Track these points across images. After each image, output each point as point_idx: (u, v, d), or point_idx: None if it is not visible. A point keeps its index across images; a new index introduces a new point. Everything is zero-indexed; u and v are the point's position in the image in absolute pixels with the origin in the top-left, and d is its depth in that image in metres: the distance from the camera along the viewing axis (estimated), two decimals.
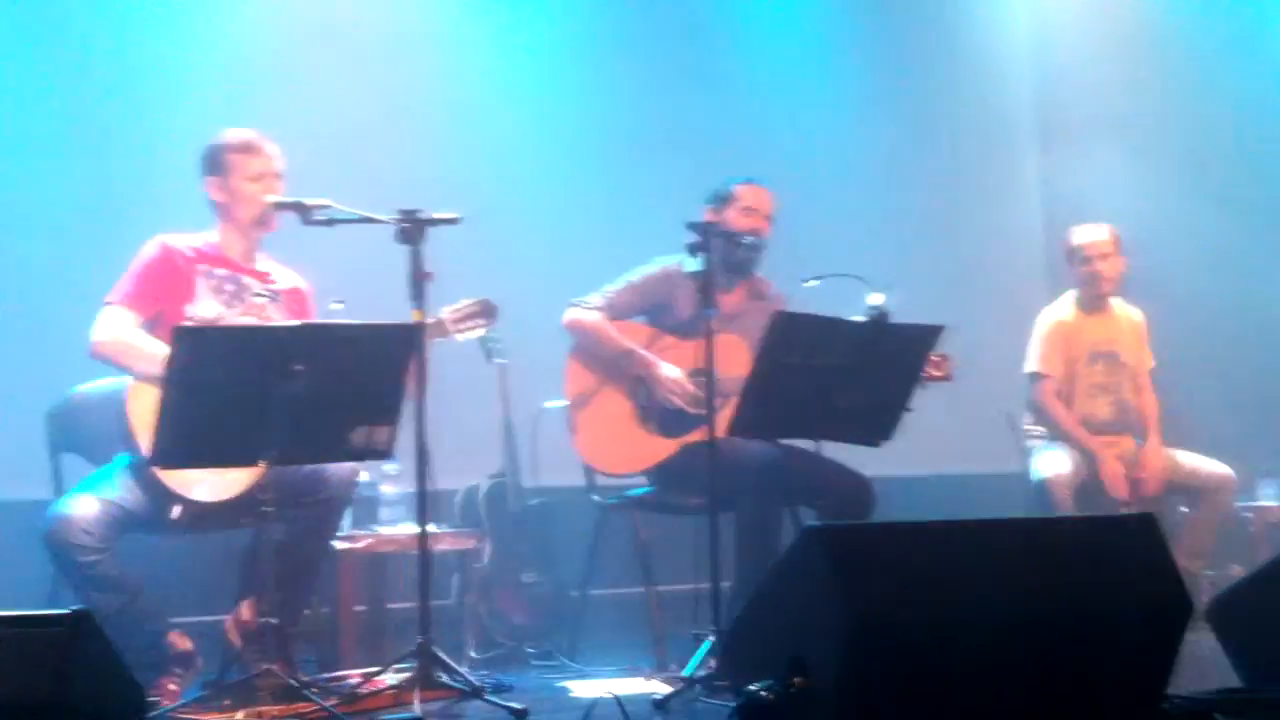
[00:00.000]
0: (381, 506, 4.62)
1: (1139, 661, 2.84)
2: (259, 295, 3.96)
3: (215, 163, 3.95)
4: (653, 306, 4.44)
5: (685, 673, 3.67)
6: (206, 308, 3.86)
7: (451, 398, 3.93)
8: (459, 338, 4.06)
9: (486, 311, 4.12)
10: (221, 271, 3.94)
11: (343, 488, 3.87)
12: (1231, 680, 3.18)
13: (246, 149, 3.94)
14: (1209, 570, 4.88)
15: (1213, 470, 4.91)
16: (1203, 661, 3.41)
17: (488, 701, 3.49)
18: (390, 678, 3.64)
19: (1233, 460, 4.95)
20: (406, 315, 3.60)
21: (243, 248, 4.00)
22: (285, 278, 4.09)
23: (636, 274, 4.47)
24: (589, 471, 4.49)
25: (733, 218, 4.37)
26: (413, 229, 3.60)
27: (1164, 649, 2.87)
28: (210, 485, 3.67)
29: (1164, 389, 5.23)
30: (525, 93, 6.23)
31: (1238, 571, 4.85)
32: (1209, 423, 5.53)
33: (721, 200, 4.42)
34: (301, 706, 3.39)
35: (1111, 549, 2.93)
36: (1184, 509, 5.00)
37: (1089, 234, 5.03)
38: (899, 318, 3.82)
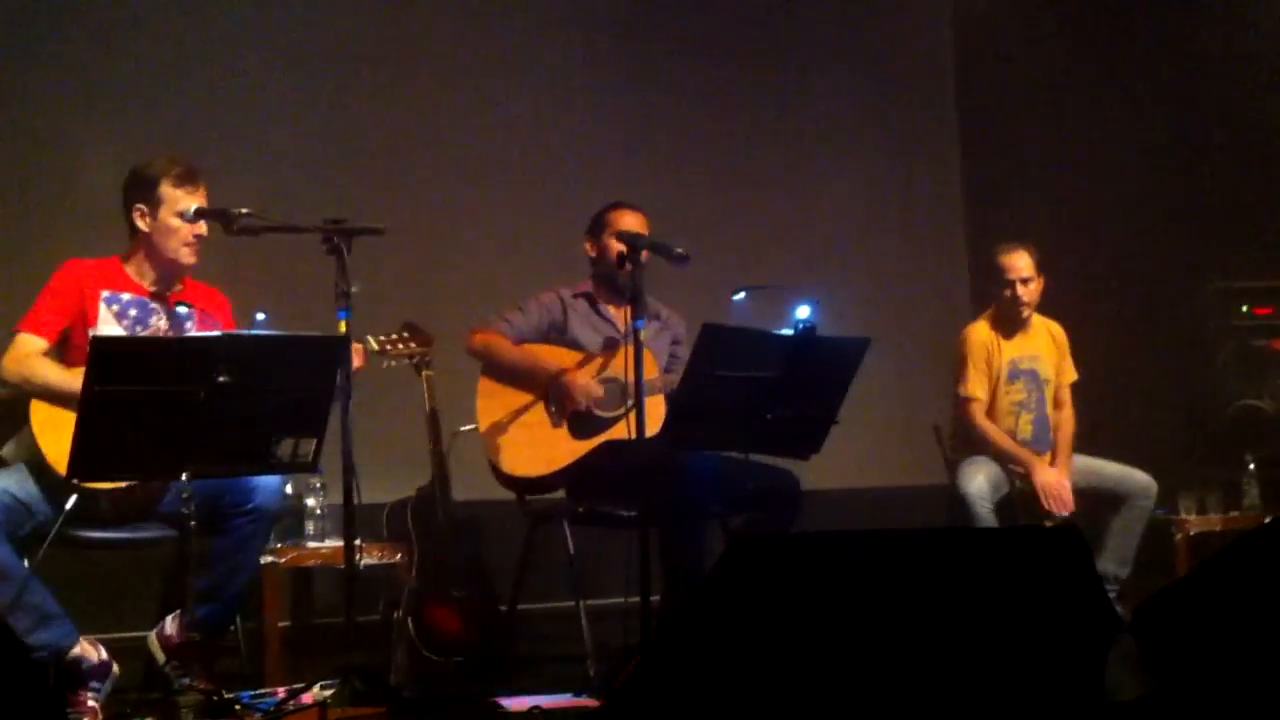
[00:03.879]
0: (307, 520, 4.57)
1: (1064, 673, 2.87)
2: (164, 317, 3.89)
3: (146, 192, 3.85)
4: (548, 328, 4.50)
5: (614, 686, 3.65)
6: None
7: (379, 410, 3.91)
8: (388, 362, 4.06)
9: (416, 337, 4.12)
10: (126, 297, 3.87)
11: (271, 499, 3.82)
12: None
13: (182, 182, 3.84)
14: (1130, 577, 4.94)
15: (1135, 478, 4.98)
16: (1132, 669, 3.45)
17: (416, 717, 3.45)
18: (316, 694, 3.59)
19: (1154, 471, 5.02)
20: (333, 327, 3.57)
21: (155, 275, 3.92)
22: (204, 297, 4.02)
23: (530, 299, 4.55)
24: (511, 481, 4.46)
25: (610, 244, 4.40)
26: (338, 239, 3.56)
27: (1089, 661, 2.90)
28: None
29: (1088, 401, 5.29)
30: (454, 111, 6.22)
31: (1159, 581, 4.93)
32: (1131, 433, 5.63)
33: (597, 228, 4.49)
34: None
35: (1035, 561, 2.95)
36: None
37: (1010, 257, 5.07)
38: (826, 331, 3.84)
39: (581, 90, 6.49)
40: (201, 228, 3.83)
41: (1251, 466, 5.61)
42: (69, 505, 3.57)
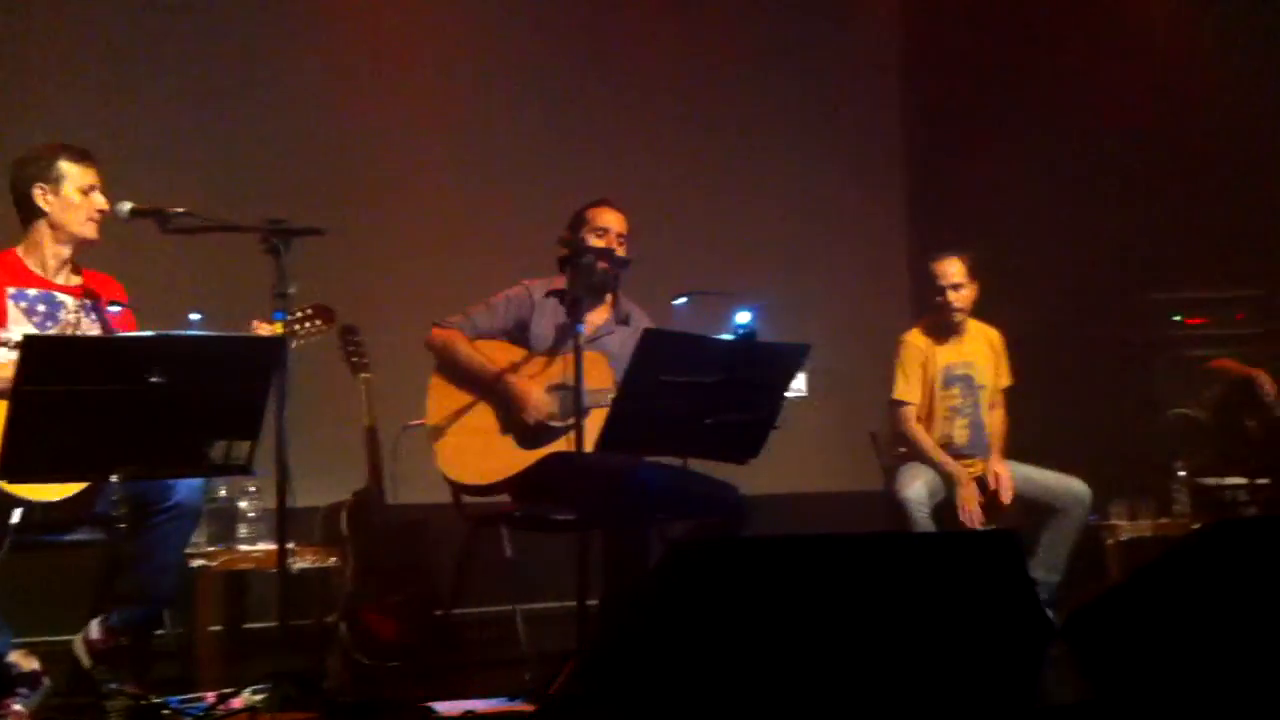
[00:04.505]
0: (240, 523, 4.51)
1: (998, 677, 2.89)
2: (72, 313, 3.83)
3: (45, 170, 3.79)
4: (514, 325, 4.44)
5: (550, 691, 3.63)
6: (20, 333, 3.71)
7: (314, 412, 3.87)
8: (296, 344, 4.00)
9: (321, 314, 4.06)
10: (33, 292, 3.80)
11: (191, 494, 3.76)
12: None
13: (79, 158, 3.81)
14: (1062, 583, 4.99)
15: (1068, 486, 5.03)
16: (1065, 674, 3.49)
17: None
18: (247, 698, 3.54)
19: (1086, 479, 5.07)
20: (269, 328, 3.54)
21: (57, 263, 3.85)
22: (102, 285, 3.96)
23: (498, 294, 4.46)
24: (454, 488, 4.43)
25: (585, 242, 4.37)
26: (276, 239, 3.53)
27: (1023, 665, 2.93)
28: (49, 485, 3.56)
29: (1021, 407, 5.35)
30: (395, 109, 6.18)
31: (1091, 587, 4.99)
32: (1066, 440, 5.68)
33: (575, 225, 4.43)
34: None
35: (970, 566, 2.97)
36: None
37: (942, 264, 5.14)
38: (766, 337, 3.85)
39: (528, 93, 6.47)
40: (103, 203, 3.78)
41: (1183, 474, 5.69)
42: (15, 519, 3.51)
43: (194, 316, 4.07)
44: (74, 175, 3.80)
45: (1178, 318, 6.34)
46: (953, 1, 7.19)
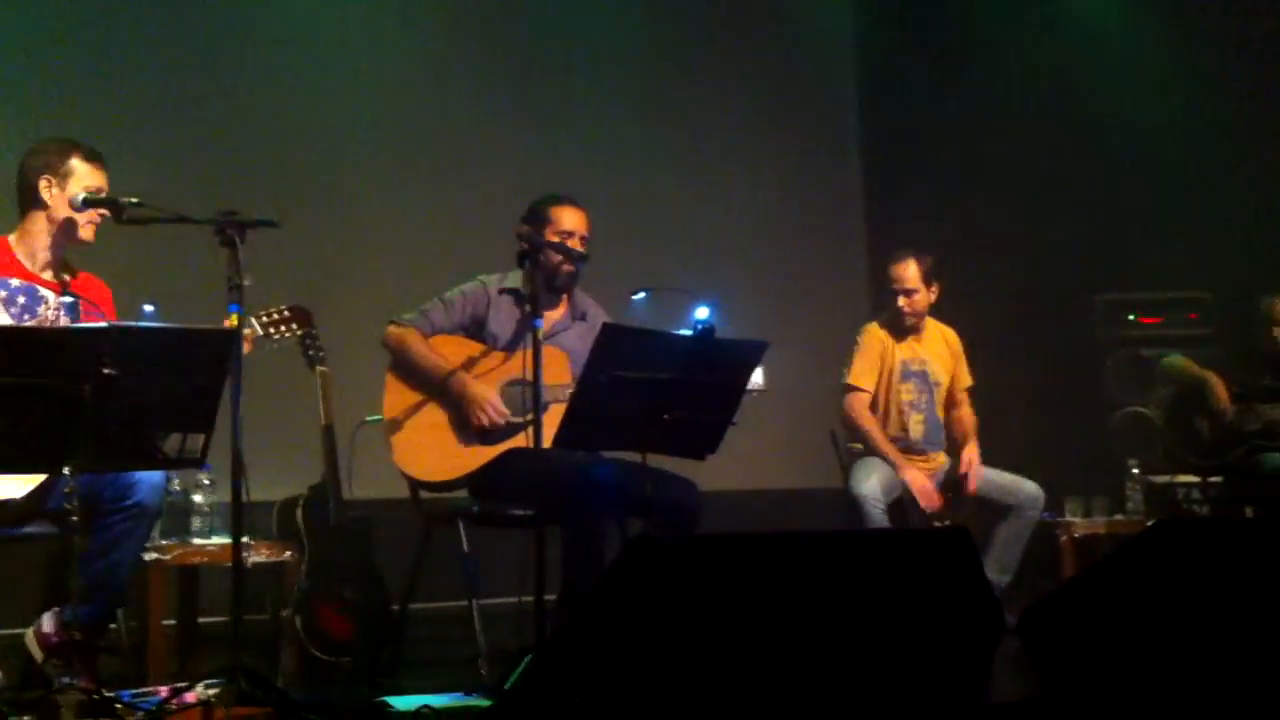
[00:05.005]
0: (194, 517, 4.47)
1: (952, 672, 2.91)
2: (53, 307, 3.79)
3: (57, 163, 3.77)
4: (471, 322, 4.41)
5: (506, 687, 3.63)
6: None
7: (270, 406, 3.84)
8: (272, 345, 3.98)
9: (298, 317, 4.04)
10: (15, 283, 3.76)
11: (152, 495, 3.73)
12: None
13: (92, 159, 3.80)
14: (1016, 580, 5.03)
15: (1022, 486, 5.07)
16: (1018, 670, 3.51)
17: (303, 718, 3.39)
18: (200, 693, 3.51)
19: (1041, 476, 5.11)
20: (224, 321, 3.51)
21: (47, 256, 3.82)
22: (90, 288, 3.92)
23: (455, 291, 4.44)
24: (412, 484, 4.41)
25: (548, 238, 4.34)
26: (231, 231, 3.49)
27: (976, 661, 2.95)
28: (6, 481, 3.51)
29: (980, 406, 5.38)
30: (352, 101, 6.15)
31: (1045, 584, 5.04)
32: (1021, 438, 5.73)
33: (534, 220, 4.38)
34: None
35: (924, 562, 2.99)
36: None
37: (897, 268, 5.17)
38: (724, 334, 3.86)
39: (487, 87, 6.45)
40: (105, 209, 3.77)
41: (1136, 472, 5.75)
42: None
43: (147, 308, 4.03)
44: (82, 174, 3.78)
45: (1131, 317, 6.41)
46: (906, 11, 7.24)
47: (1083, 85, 6.65)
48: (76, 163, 3.78)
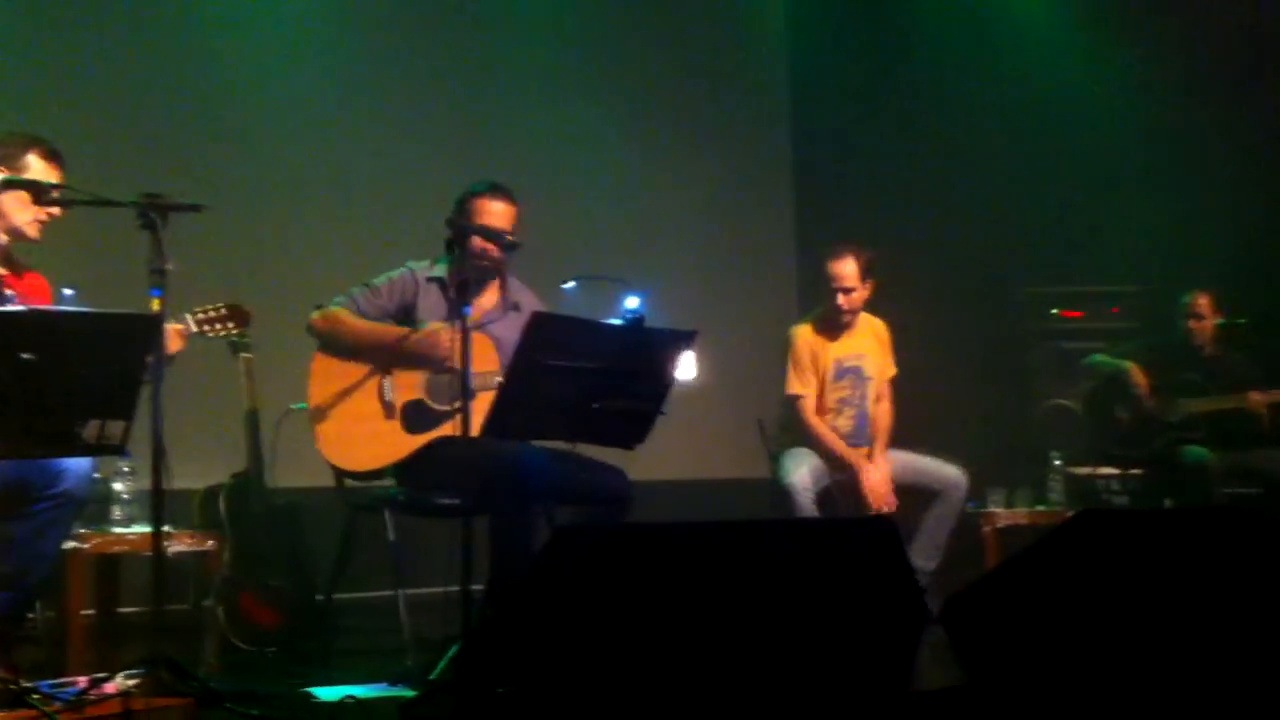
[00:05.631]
0: (114, 505, 4.40)
1: (876, 660, 2.93)
2: None
3: (11, 157, 3.71)
4: (399, 309, 4.37)
5: (432, 676, 3.61)
6: None
7: (193, 392, 3.79)
8: (209, 335, 3.94)
9: (236, 316, 4.00)
10: None
11: (80, 484, 3.67)
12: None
13: (51, 157, 3.74)
14: (940, 570, 5.08)
15: (947, 472, 5.12)
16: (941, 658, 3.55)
17: (225, 709, 3.36)
18: (120, 684, 3.46)
19: (965, 467, 5.16)
20: (145, 306, 3.45)
21: None
22: (28, 285, 3.85)
23: (383, 277, 4.39)
24: (337, 472, 4.37)
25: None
26: (153, 214, 3.44)
27: (900, 649, 2.98)
28: None
29: (908, 397, 5.42)
30: (282, 84, 6.07)
31: (968, 573, 5.08)
32: (948, 430, 5.79)
33: (462, 209, 4.34)
34: (24, 714, 3.21)
35: (849, 551, 3.02)
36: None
37: (836, 264, 5.17)
38: (654, 324, 3.85)
39: (419, 74, 6.40)
40: (57, 210, 3.71)
41: (1058, 464, 5.83)
42: None
43: (67, 292, 3.96)
44: (37, 171, 3.72)
45: (1055, 311, 6.50)
46: (839, 8, 7.28)
47: (1012, 83, 6.73)
48: (33, 158, 3.73)
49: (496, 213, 4.32)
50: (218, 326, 4.01)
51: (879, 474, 5.04)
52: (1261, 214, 6.02)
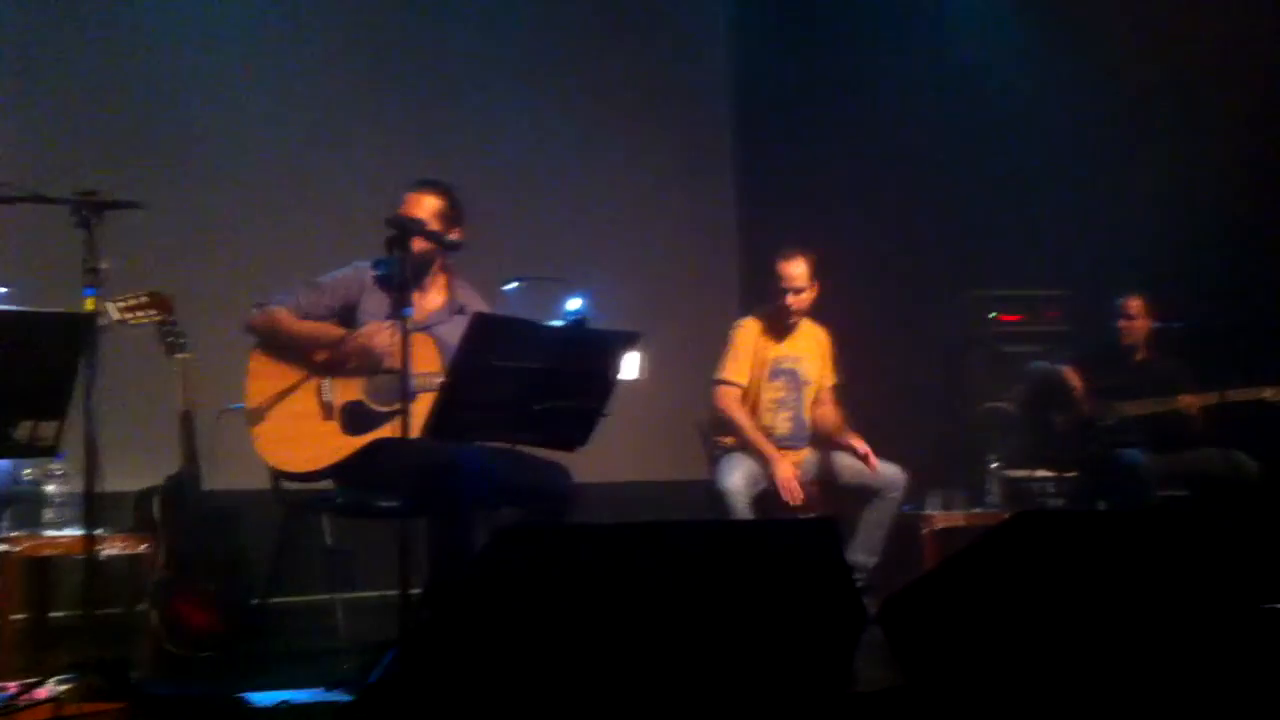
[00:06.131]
0: (46, 507, 4.33)
1: (815, 661, 2.94)
2: None
3: None
4: (342, 308, 4.32)
5: (369, 681, 3.57)
6: None
7: (127, 393, 3.73)
8: (132, 322, 3.88)
9: (158, 303, 3.94)
10: None
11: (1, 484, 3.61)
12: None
13: None
14: (878, 571, 5.11)
15: (885, 470, 5.16)
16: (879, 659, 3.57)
17: (159, 713, 3.31)
18: (51, 689, 3.41)
19: (907, 468, 5.20)
20: (80, 304, 3.40)
21: None
22: None
23: (325, 276, 4.35)
24: (275, 474, 4.32)
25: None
26: (88, 212, 3.39)
27: (838, 650, 2.99)
28: None
29: (848, 399, 5.45)
30: (219, 81, 6.01)
31: (906, 575, 5.12)
32: (887, 431, 5.81)
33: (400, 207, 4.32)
34: None
35: (789, 552, 3.02)
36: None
37: (787, 265, 5.19)
38: (598, 325, 3.85)
39: (359, 71, 6.35)
40: None
41: (995, 466, 5.89)
42: None
43: (0, 290, 3.89)
44: None
45: (993, 315, 6.55)
46: (781, 8, 7.31)
47: (954, 88, 6.78)
48: None
49: (417, 208, 4.27)
50: (140, 314, 3.96)
51: (789, 469, 5.06)
52: (1196, 217, 6.11)
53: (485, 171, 6.34)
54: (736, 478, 4.97)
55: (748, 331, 5.26)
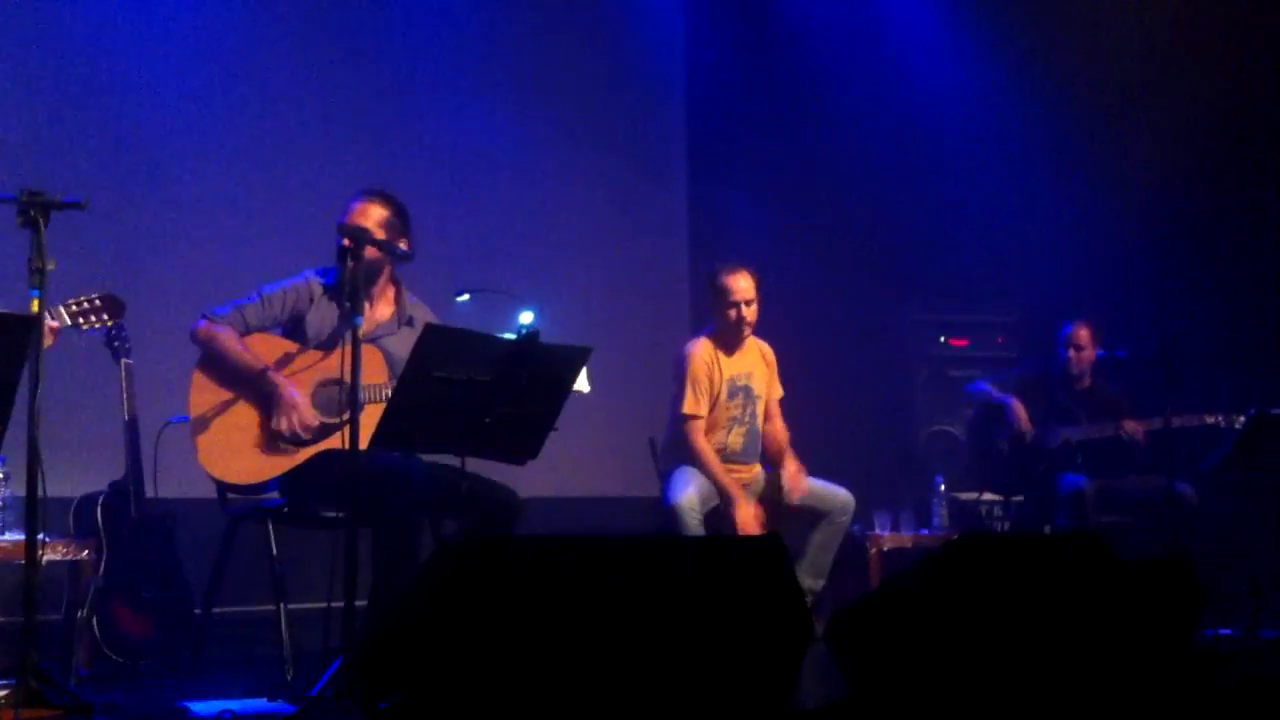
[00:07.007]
0: None
1: (761, 677, 2.95)
2: None
3: None
4: (289, 319, 4.29)
5: (313, 692, 3.55)
6: None
7: (71, 397, 3.69)
8: (83, 326, 3.84)
9: (110, 307, 3.89)
10: None
11: None
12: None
13: None
14: (826, 590, 5.13)
15: (834, 493, 5.18)
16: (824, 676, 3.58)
17: None
18: None
19: (851, 490, 5.22)
20: (24, 305, 3.36)
21: None
22: None
23: (273, 286, 4.30)
24: (219, 484, 4.28)
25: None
26: (35, 212, 3.35)
27: (784, 666, 3.00)
28: None
29: (797, 420, 5.47)
30: (170, 83, 5.95)
31: (853, 593, 5.15)
32: (835, 452, 5.85)
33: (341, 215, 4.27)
34: None
35: (737, 568, 3.03)
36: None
37: (735, 280, 5.20)
38: (547, 339, 3.84)
39: (311, 77, 6.30)
40: None
41: (942, 489, 5.94)
42: None
43: None
44: None
45: (941, 339, 6.61)
46: (736, 25, 7.35)
47: (906, 110, 6.84)
48: None
49: (359, 217, 4.22)
50: (92, 318, 3.90)
51: (750, 510, 5.05)
52: (1140, 245, 6.20)
53: (434, 182, 6.32)
54: (688, 494, 4.97)
55: (701, 358, 5.24)
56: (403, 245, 4.22)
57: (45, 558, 4.16)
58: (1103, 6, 6.60)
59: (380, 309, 4.37)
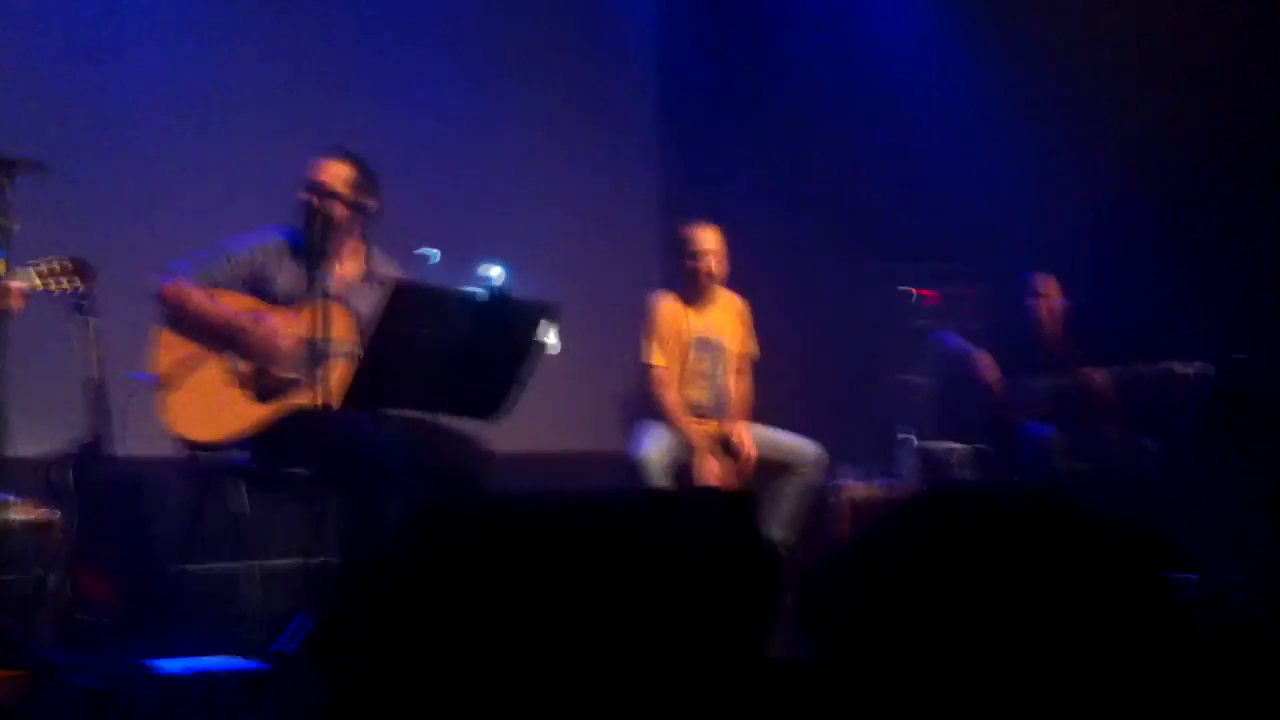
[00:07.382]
0: None
1: (731, 631, 2.97)
2: None
3: None
4: (253, 278, 4.24)
5: (275, 648, 3.55)
6: None
7: (34, 356, 3.65)
8: (54, 290, 3.81)
9: (81, 270, 3.86)
10: None
11: None
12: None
13: None
14: (795, 543, 5.16)
15: (803, 447, 5.20)
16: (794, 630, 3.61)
17: (63, 681, 3.26)
18: None
19: (824, 441, 5.24)
20: None
21: None
22: None
23: (238, 244, 4.26)
24: (184, 443, 4.25)
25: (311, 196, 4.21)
26: None
27: (754, 621, 3.02)
28: None
29: (767, 373, 5.49)
30: (133, 38, 5.87)
31: (822, 546, 5.18)
32: (802, 407, 5.87)
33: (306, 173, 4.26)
34: None
35: (706, 522, 3.04)
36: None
37: (695, 231, 5.22)
38: (515, 294, 3.83)
39: (278, 34, 6.23)
40: None
41: (908, 439, 5.96)
42: None
43: None
44: None
45: (909, 290, 6.61)
46: None
47: (878, 66, 6.83)
48: None
49: (319, 174, 4.21)
50: (63, 281, 3.87)
51: (710, 463, 5.07)
52: (1109, 196, 6.21)
53: (401, 139, 6.27)
54: (654, 449, 4.99)
55: (666, 309, 5.25)
56: (371, 204, 4.20)
57: (10, 519, 4.14)
58: None
59: (349, 267, 4.34)
